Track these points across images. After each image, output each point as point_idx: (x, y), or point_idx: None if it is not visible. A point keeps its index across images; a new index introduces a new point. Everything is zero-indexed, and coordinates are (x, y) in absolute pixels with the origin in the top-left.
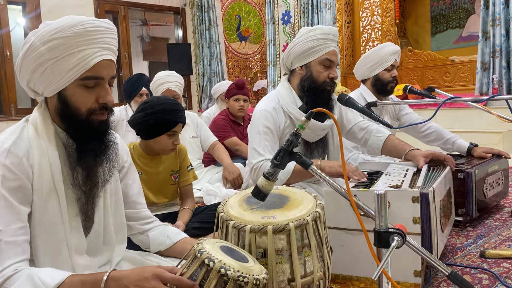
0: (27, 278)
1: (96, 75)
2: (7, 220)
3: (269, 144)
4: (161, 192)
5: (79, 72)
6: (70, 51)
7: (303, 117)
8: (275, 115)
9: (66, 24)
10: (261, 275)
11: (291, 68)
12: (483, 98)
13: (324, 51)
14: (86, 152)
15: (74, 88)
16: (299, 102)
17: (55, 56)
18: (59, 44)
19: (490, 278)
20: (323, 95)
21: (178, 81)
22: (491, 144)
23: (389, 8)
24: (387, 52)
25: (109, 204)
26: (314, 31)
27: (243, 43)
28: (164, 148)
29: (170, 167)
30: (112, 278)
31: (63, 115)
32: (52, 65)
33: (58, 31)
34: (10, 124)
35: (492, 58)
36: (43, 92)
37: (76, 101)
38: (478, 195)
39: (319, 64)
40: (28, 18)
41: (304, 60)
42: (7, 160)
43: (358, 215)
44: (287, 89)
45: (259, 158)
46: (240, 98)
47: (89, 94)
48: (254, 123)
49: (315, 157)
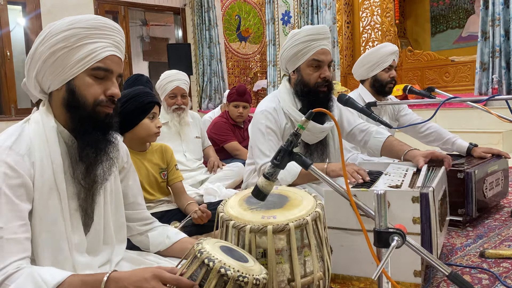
0: (28, 276)
1: (106, 66)
2: (8, 217)
3: (273, 144)
4: (152, 189)
5: (91, 62)
6: (83, 41)
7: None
8: (275, 115)
9: (82, 18)
10: (261, 275)
11: (288, 72)
12: (483, 98)
13: (310, 53)
14: (87, 148)
15: (84, 78)
16: (299, 104)
17: (68, 45)
18: (74, 34)
19: (490, 278)
20: (318, 97)
21: (186, 80)
22: (491, 144)
23: (389, 8)
24: (385, 52)
25: (109, 203)
26: (299, 34)
27: (243, 43)
28: (149, 132)
29: (158, 165)
30: (112, 279)
31: (70, 106)
32: (65, 54)
33: (74, 23)
34: (10, 124)
35: (491, 58)
36: (50, 86)
37: (84, 91)
38: (478, 195)
39: (307, 66)
40: (28, 18)
41: (294, 65)
42: (9, 158)
43: (358, 215)
44: (287, 90)
45: (265, 160)
46: (240, 105)
47: (98, 86)
48: (256, 123)
49: (315, 159)
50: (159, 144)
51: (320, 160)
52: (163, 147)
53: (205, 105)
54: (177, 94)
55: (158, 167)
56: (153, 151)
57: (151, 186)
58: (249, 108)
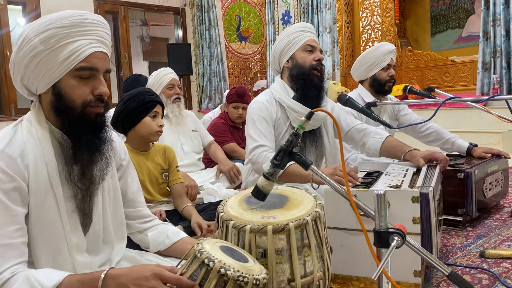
0: (24, 280)
1: (90, 65)
2: (3, 222)
3: (264, 131)
4: (153, 189)
5: (73, 62)
6: (63, 41)
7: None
8: (268, 105)
9: (59, 16)
10: (261, 275)
11: (281, 67)
12: (483, 98)
13: (303, 41)
14: (81, 149)
15: (68, 80)
16: (291, 92)
17: (48, 47)
18: (52, 34)
19: (490, 278)
20: (313, 79)
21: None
22: (491, 144)
23: (389, 8)
24: (382, 52)
25: (108, 202)
26: (290, 27)
27: (243, 43)
28: (150, 131)
29: (160, 165)
30: (110, 276)
31: (59, 109)
32: (46, 57)
33: (51, 23)
34: (10, 124)
35: (492, 58)
36: (37, 89)
37: (71, 93)
38: (478, 195)
39: (301, 51)
40: (28, 18)
41: (288, 54)
42: (1, 162)
43: (358, 215)
44: (279, 82)
45: (254, 144)
46: (240, 106)
47: (84, 86)
48: (249, 114)
49: (311, 157)
50: (162, 145)
51: (316, 159)
52: (166, 148)
53: (205, 105)
54: (174, 84)
55: (160, 168)
56: (156, 151)
57: (152, 187)
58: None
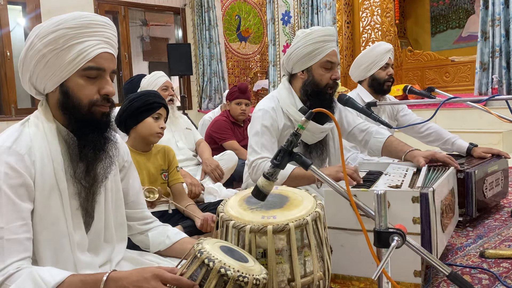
0: (28, 276)
1: (98, 65)
2: (9, 218)
3: (266, 143)
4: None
5: (81, 62)
6: (72, 42)
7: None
8: (274, 115)
9: (68, 17)
10: (261, 275)
11: (292, 73)
12: (483, 98)
13: (323, 53)
14: (87, 146)
15: (76, 79)
16: (300, 104)
17: (57, 47)
18: (61, 35)
19: (490, 278)
20: (326, 98)
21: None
22: (491, 144)
23: (389, 8)
24: (379, 51)
25: (110, 202)
26: (312, 34)
27: (243, 43)
28: (151, 131)
29: (160, 166)
30: (111, 278)
31: (65, 108)
32: (54, 56)
33: (60, 23)
34: (10, 124)
35: (491, 58)
36: (44, 88)
37: (78, 92)
38: (478, 195)
39: (320, 67)
40: (28, 18)
41: (305, 65)
42: (9, 158)
43: (358, 215)
44: (287, 90)
45: (256, 156)
46: (242, 102)
47: (91, 86)
48: (253, 122)
49: (314, 159)
50: (162, 146)
51: (320, 160)
52: (166, 148)
53: (205, 105)
54: (168, 86)
55: (160, 168)
56: (156, 152)
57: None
58: (250, 106)
